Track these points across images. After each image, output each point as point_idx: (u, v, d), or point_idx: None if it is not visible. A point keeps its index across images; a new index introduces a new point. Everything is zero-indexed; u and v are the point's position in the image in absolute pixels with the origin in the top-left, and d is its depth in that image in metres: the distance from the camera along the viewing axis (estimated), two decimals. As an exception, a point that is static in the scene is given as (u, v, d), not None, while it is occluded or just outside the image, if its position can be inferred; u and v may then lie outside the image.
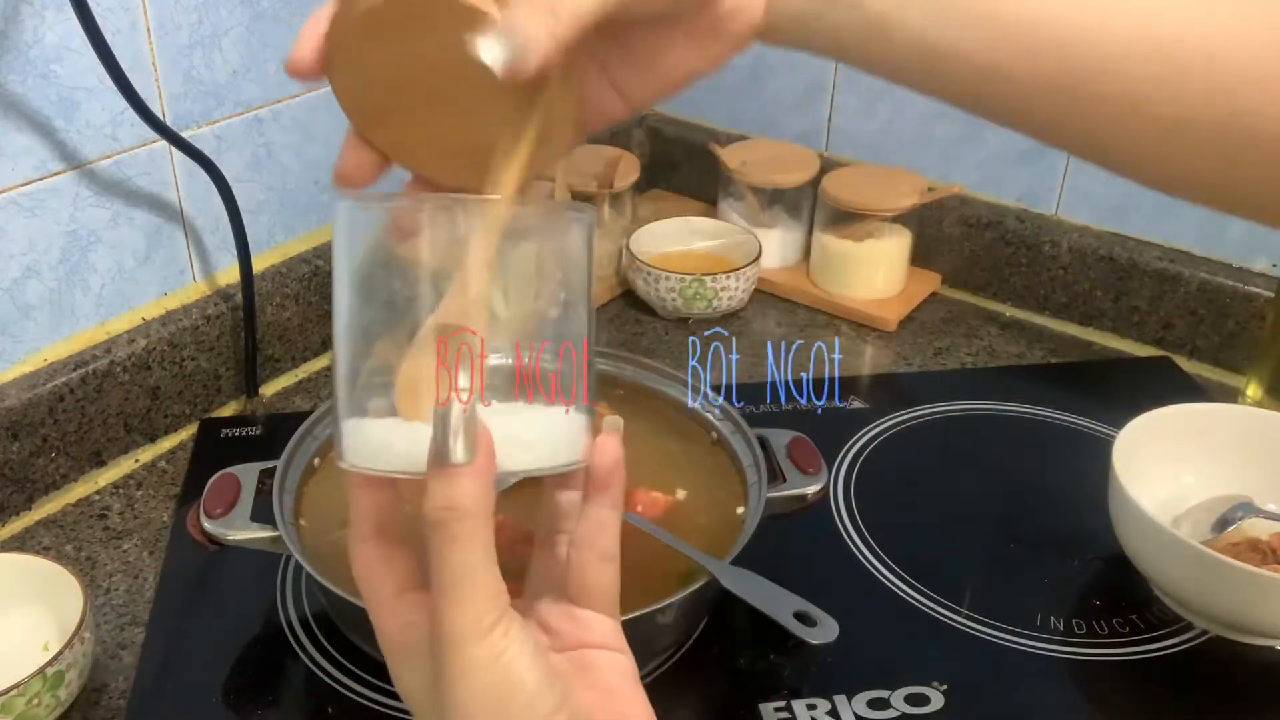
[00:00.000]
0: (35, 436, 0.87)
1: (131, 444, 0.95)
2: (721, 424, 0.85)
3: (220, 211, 0.95)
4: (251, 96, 0.97)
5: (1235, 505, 0.84)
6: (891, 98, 1.22)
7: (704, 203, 1.35)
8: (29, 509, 0.89)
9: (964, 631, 0.80)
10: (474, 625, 0.40)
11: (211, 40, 0.93)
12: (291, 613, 0.80)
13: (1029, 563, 0.86)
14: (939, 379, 1.09)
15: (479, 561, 0.40)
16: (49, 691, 0.68)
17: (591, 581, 0.46)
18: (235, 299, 0.99)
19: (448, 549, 0.40)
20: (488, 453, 0.40)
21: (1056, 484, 0.94)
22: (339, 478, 0.82)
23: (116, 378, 0.91)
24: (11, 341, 0.87)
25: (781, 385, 1.07)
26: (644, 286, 1.16)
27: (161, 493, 0.92)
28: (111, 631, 0.79)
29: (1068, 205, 1.17)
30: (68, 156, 0.87)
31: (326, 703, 0.73)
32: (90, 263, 0.91)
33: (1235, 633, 0.79)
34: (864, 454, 0.97)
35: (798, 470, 0.80)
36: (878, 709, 0.73)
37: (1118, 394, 1.05)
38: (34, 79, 0.83)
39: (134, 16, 0.87)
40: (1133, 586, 0.83)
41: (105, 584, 0.83)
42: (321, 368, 1.08)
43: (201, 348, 0.98)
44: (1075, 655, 0.78)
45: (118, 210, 0.91)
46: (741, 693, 0.74)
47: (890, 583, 0.84)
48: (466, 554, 0.40)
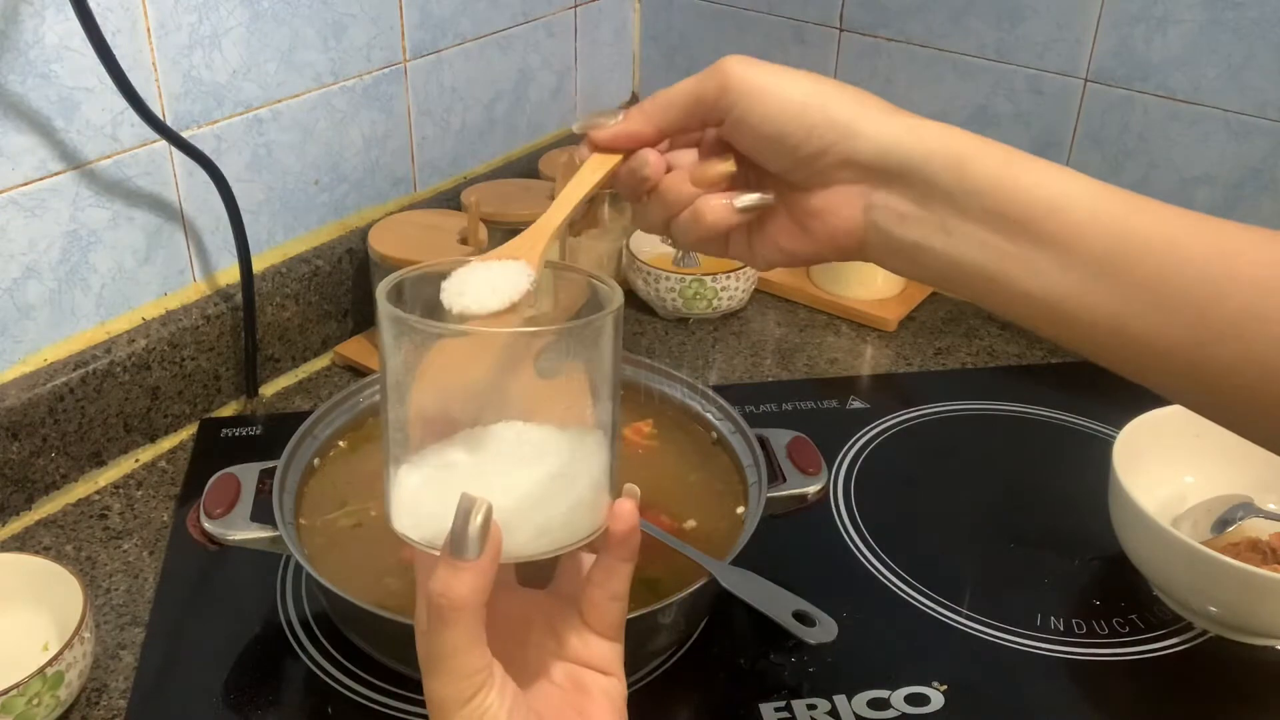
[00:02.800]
0: (35, 436, 0.87)
1: (131, 444, 0.95)
2: (721, 424, 0.85)
3: (220, 211, 0.95)
4: (251, 96, 0.97)
5: (1235, 505, 0.84)
6: (891, 98, 1.21)
7: (704, 203, 1.34)
8: (29, 509, 0.89)
9: (964, 631, 0.80)
10: (455, 696, 0.44)
11: (211, 40, 0.93)
12: (291, 613, 0.80)
13: (1029, 563, 0.86)
14: (939, 379, 1.09)
15: (463, 644, 0.44)
16: (49, 691, 0.68)
17: (601, 613, 0.51)
18: (235, 299, 0.99)
19: (439, 628, 0.44)
20: (493, 554, 0.44)
21: (1056, 484, 0.94)
22: (338, 475, 0.82)
23: (116, 378, 0.91)
24: (11, 341, 0.87)
25: (781, 385, 1.07)
26: (644, 286, 1.16)
27: (161, 493, 0.92)
28: (111, 631, 0.79)
29: (1068, 205, 1.17)
30: (68, 156, 0.87)
31: (326, 703, 0.73)
32: (90, 263, 0.91)
33: (1235, 633, 0.79)
34: (864, 454, 0.97)
35: (798, 470, 0.80)
36: (878, 709, 0.73)
37: (1118, 394, 1.04)
38: (34, 79, 0.83)
39: (134, 16, 0.87)
40: (1133, 586, 0.83)
41: (105, 584, 0.83)
42: (322, 368, 1.08)
43: (201, 348, 0.98)
44: (1075, 655, 0.78)
45: (118, 210, 0.91)
46: (741, 693, 0.74)
47: (890, 583, 0.84)
48: (454, 636, 0.44)
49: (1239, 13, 1.01)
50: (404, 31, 1.08)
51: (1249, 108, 1.04)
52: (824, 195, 0.49)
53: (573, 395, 0.47)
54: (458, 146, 1.19)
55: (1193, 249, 0.43)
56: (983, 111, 1.17)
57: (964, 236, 0.46)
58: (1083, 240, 0.44)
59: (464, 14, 1.14)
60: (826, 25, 1.23)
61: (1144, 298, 0.43)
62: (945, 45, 1.17)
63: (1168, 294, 0.43)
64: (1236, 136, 1.05)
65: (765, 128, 0.48)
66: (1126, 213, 0.44)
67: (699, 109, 0.50)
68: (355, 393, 0.87)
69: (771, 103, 0.48)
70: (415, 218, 1.08)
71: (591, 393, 0.47)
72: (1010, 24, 1.12)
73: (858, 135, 0.48)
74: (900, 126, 0.48)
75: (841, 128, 0.48)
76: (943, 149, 0.47)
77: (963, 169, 0.46)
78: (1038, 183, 0.45)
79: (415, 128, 1.13)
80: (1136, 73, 1.08)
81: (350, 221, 1.10)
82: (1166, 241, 0.43)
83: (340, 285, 1.08)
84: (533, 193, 1.12)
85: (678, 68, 1.36)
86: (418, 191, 1.16)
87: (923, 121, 0.49)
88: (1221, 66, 1.04)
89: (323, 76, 1.02)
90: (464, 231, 1.03)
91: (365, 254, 1.05)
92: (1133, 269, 0.43)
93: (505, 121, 1.24)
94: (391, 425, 0.48)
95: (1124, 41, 1.07)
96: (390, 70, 1.08)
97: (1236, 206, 1.08)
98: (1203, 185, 1.09)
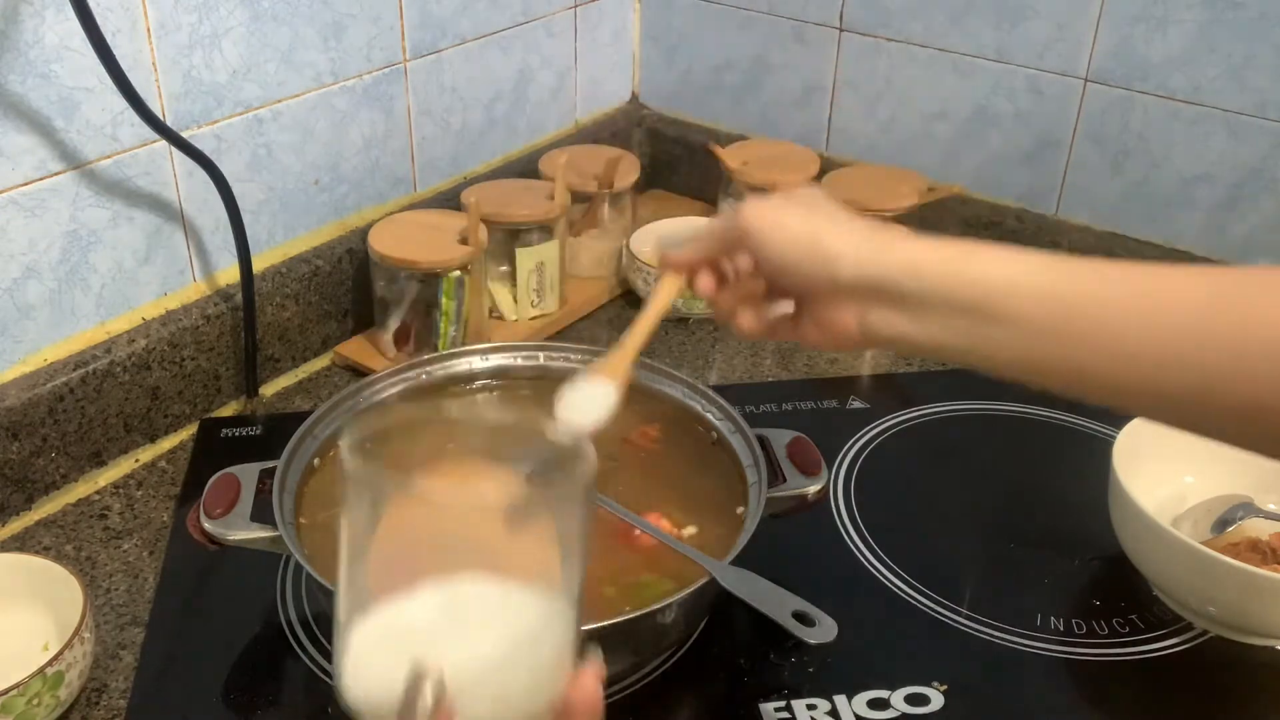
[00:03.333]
0: (35, 436, 0.87)
1: (131, 444, 0.95)
2: (721, 424, 0.85)
3: (220, 211, 0.95)
4: (251, 96, 0.97)
5: (1235, 505, 0.84)
6: (891, 98, 1.22)
7: (704, 203, 1.34)
8: (29, 509, 0.89)
9: (964, 631, 0.80)
10: None
11: (211, 40, 0.93)
12: (291, 613, 0.80)
13: (1029, 563, 0.86)
14: (939, 379, 1.08)
15: None
16: (49, 691, 0.68)
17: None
18: (235, 299, 0.99)
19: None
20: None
21: (1056, 484, 0.94)
22: (338, 476, 0.82)
23: (116, 378, 0.91)
24: (11, 341, 0.87)
25: (781, 385, 1.07)
26: (644, 286, 1.16)
27: (161, 493, 0.92)
28: (111, 631, 0.79)
29: (1068, 205, 1.17)
30: (68, 156, 0.87)
31: (326, 703, 0.73)
32: (90, 263, 0.91)
33: (1235, 633, 0.79)
34: (864, 454, 0.97)
35: (798, 470, 0.80)
36: (878, 709, 0.73)
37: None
38: (34, 79, 0.83)
39: (134, 16, 0.87)
40: (1133, 586, 0.83)
41: (105, 584, 0.83)
42: (321, 368, 1.08)
43: (201, 348, 0.98)
44: (1075, 655, 0.78)
45: (118, 210, 0.91)
46: (741, 693, 0.74)
47: (890, 583, 0.84)
48: None
49: (1239, 13, 1.01)
50: (404, 31, 1.08)
51: (1249, 108, 1.04)
52: (828, 307, 0.61)
53: (540, 550, 0.44)
54: (458, 146, 1.19)
55: (1121, 302, 0.52)
56: (983, 111, 1.17)
57: (935, 325, 0.57)
58: (1027, 315, 0.54)
59: (464, 14, 1.14)
60: (826, 25, 1.23)
61: (1092, 348, 0.52)
62: (945, 45, 1.17)
63: (1108, 342, 0.52)
64: (1236, 136, 1.05)
65: (775, 261, 0.61)
66: (1060, 283, 0.53)
67: (728, 247, 0.64)
68: (355, 393, 0.87)
69: (777, 242, 0.61)
70: (415, 218, 1.08)
71: (561, 550, 0.44)
72: (1010, 24, 1.12)
73: (840, 261, 0.59)
74: (873, 249, 0.59)
75: (830, 258, 0.59)
76: (903, 260, 0.58)
77: (919, 274, 0.57)
78: (985, 273, 0.55)
79: (415, 128, 1.13)
80: (1136, 73, 1.08)
81: (350, 221, 1.10)
82: (1095, 300, 0.52)
83: (340, 285, 1.08)
84: (533, 193, 1.12)
85: (678, 68, 1.36)
86: (418, 191, 1.16)
87: (892, 242, 0.59)
88: (1221, 66, 1.04)
89: (323, 76, 1.02)
90: (464, 231, 1.03)
91: (365, 254, 1.05)
92: (1074, 329, 0.52)
93: (505, 121, 1.24)
94: (344, 582, 0.44)
95: (1124, 41, 1.07)
96: (390, 70, 1.08)
97: (1236, 206, 1.08)
98: (1203, 185, 1.09)
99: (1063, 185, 1.16)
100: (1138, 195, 1.12)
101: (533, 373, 0.92)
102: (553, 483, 0.46)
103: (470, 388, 0.92)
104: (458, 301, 1.02)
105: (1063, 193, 1.16)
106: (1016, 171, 1.18)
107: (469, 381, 0.92)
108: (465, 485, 0.46)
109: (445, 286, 1.01)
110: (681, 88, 1.37)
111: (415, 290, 1.03)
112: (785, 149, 1.26)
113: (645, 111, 1.40)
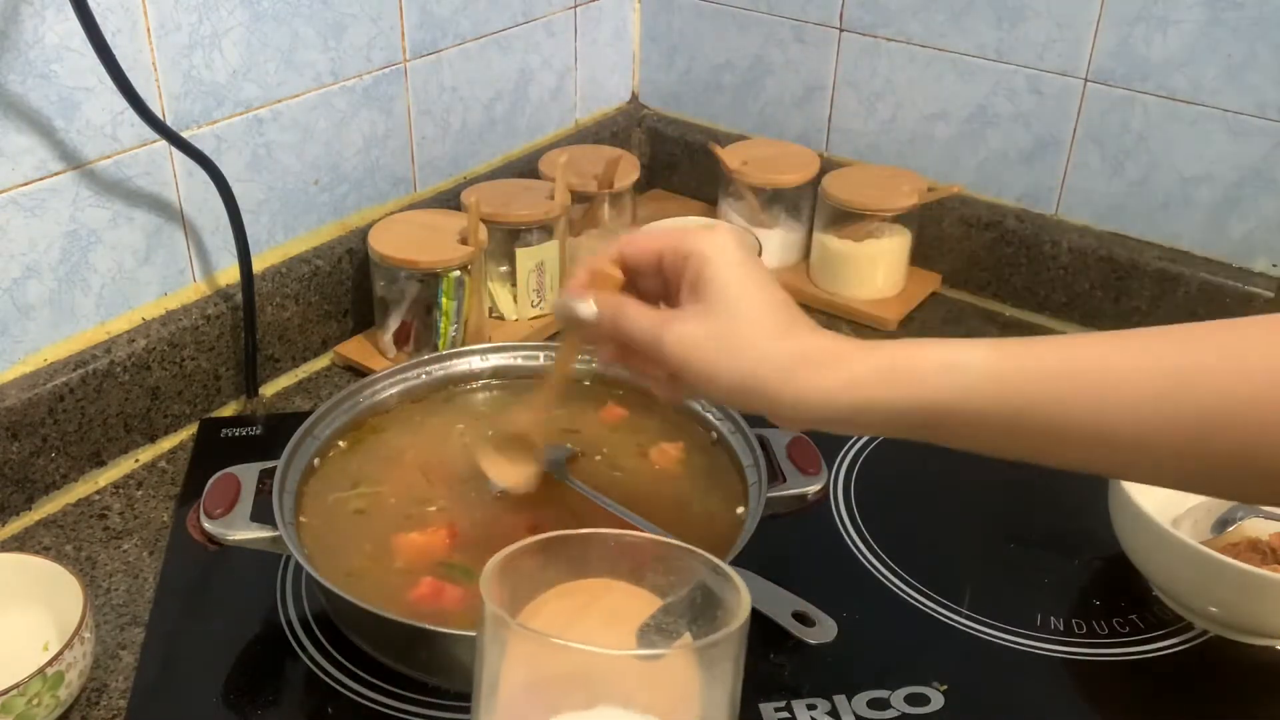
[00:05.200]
0: (35, 436, 0.87)
1: (131, 444, 0.95)
2: (721, 424, 0.85)
3: (220, 211, 0.95)
4: (251, 96, 0.98)
5: (1235, 505, 0.84)
6: (891, 98, 1.22)
7: (704, 203, 1.34)
8: (29, 509, 0.89)
9: (964, 631, 0.80)
10: None
11: (211, 40, 0.93)
12: (291, 613, 0.80)
13: (1029, 563, 0.86)
14: (939, 379, 1.08)
15: None
16: (49, 691, 0.68)
17: None
18: (235, 299, 0.99)
19: None
20: None
21: (1056, 484, 0.93)
22: (338, 475, 0.83)
23: (116, 378, 0.91)
24: (11, 341, 0.87)
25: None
26: (644, 286, 1.16)
27: (161, 493, 0.92)
28: (111, 631, 0.79)
29: (1068, 205, 1.17)
30: (68, 156, 0.87)
31: (326, 703, 0.73)
32: (90, 263, 0.91)
33: (1235, 633, 0.79)
34: (864, 454, 0.97)
35: (798, 470, 0.80)
36: (878, 709, 0.73)
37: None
38: (34, 79, 0.83)
39: (134, 16, 0.87)
40: (1133, 586, 0.83)
41: (105, 584, 0.83)
42: (322, 368, 1.08)
43: (201, 348, 0.98)
44: (1075, 655, 0.78)
45: (118, 210, 0.91)
46: (742, 693, 0.74)
47: (890, 583, 0.84)
48: None
49: (1239, 13, 1.01)
50: (404, 32, 1.08)
51: (1249, 108, 1.04)
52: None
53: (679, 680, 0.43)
54: (458, 146, 1.19)
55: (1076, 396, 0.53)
56: (983, 111, 1.17)
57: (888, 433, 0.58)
58: (981, 424, 0.55)
59: (464, 14, 1.14)
60: (826, 25, 1.23)
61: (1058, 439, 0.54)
62: (945, 45, 1.17)
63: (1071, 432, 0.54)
64: (1236, 136, 1.05)
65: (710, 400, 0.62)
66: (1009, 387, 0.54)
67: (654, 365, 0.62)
68: (355, 392, 0.87)
69: (710, 393, 0.60)
70: (415, 218, 1.08)
71: (702, 696, 0.42)
72: (1010, 24, 1.13)
73: (780, 410, 0.58)
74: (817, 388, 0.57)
75: (771, 407, 0.59)
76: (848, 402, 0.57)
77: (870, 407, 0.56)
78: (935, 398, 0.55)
79: (415, 128, 1.13)
80: (1136, 73, 1.08)
81: (350, 221, 1.10)
82: (1050, 399, 0.54)
83: (340, 285, 1.08)
84: (533, 193, 1.12)
85: (677, 68, 1.36)
86: (418, 191, 1.16)
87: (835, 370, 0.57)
88: (1221, 66, 1.04)
89: (323, 76, 1.02)
90: (464, 231, 1.03)
91: (365, 254, 1.05)
92: (1023, 424, 0.54)
93: (505, 121, 1.24)
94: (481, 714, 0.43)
95: (1124, 41, 1.07)
96: (390, 70, 1.08)
97: (1236, 206, 1.08)
98: (1203, 185, 1.09)
99: (1063, 185, 1.16)
100: (1138, 195, 1.12)
101: (533, 373, 0.92)
102: (698, 627, 0.44)
103: (470, 388, 0.92)
104: (458, 301, 1.02)
105: (1063, 193, 1.16)
106: (1016, 171, 1.18)
107: (469, 381, 0.92)
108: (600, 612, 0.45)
109: (445, 286, 1.01)
110: (681, 88, 1.37)
111: (415, 290, 1.03)
112: (785, 149, 1.26)
113: (645, 111, 1.40)
